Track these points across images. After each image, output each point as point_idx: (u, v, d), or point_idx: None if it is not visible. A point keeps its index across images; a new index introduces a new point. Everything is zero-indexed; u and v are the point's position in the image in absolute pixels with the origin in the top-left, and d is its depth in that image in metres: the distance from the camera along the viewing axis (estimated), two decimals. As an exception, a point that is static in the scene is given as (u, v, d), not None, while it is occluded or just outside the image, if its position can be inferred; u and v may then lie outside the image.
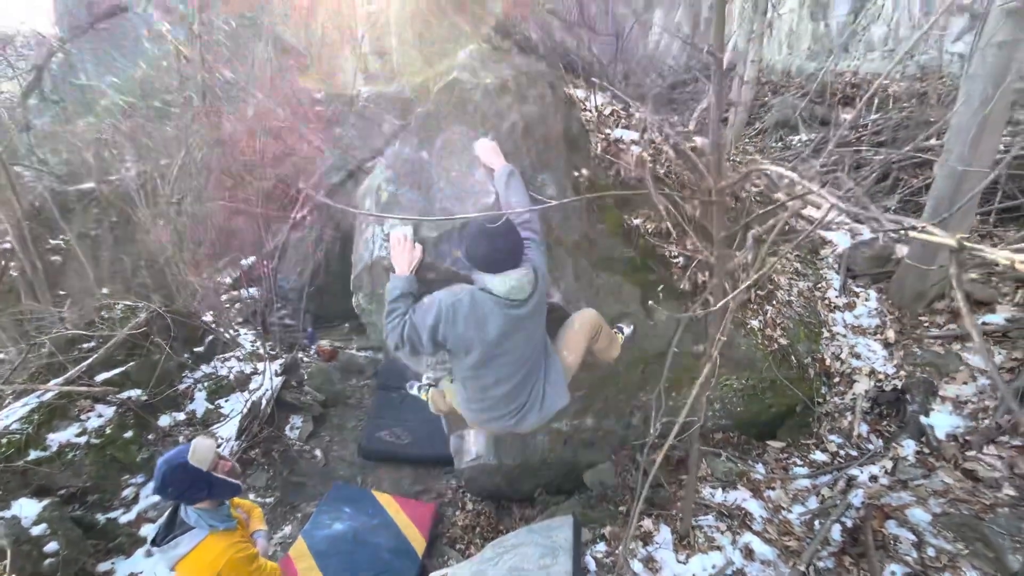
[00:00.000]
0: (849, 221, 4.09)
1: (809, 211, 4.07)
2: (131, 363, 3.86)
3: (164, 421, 3.82)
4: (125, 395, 3.68)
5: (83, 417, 3.43)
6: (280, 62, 6.57)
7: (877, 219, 0.90)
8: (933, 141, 4.22)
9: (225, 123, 3.63)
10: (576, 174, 2.52)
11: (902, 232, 0.82)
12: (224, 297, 5.23)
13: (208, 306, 4.69)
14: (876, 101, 5.31)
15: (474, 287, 1.84)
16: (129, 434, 3.55)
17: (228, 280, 5.37)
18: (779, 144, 5.37)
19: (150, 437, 3.67)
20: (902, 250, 3.63)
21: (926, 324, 3.29)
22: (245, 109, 4.19)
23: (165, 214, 3.92)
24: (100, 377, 3.67)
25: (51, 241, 6.84)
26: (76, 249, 5.78)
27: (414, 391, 2.91)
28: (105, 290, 5.55)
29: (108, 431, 3.45)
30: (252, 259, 5.66)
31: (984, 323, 3.14)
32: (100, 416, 3.49)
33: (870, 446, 2.95)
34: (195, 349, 4.47)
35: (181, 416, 3.92)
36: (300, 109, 5.84)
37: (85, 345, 3.84)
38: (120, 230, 6.08)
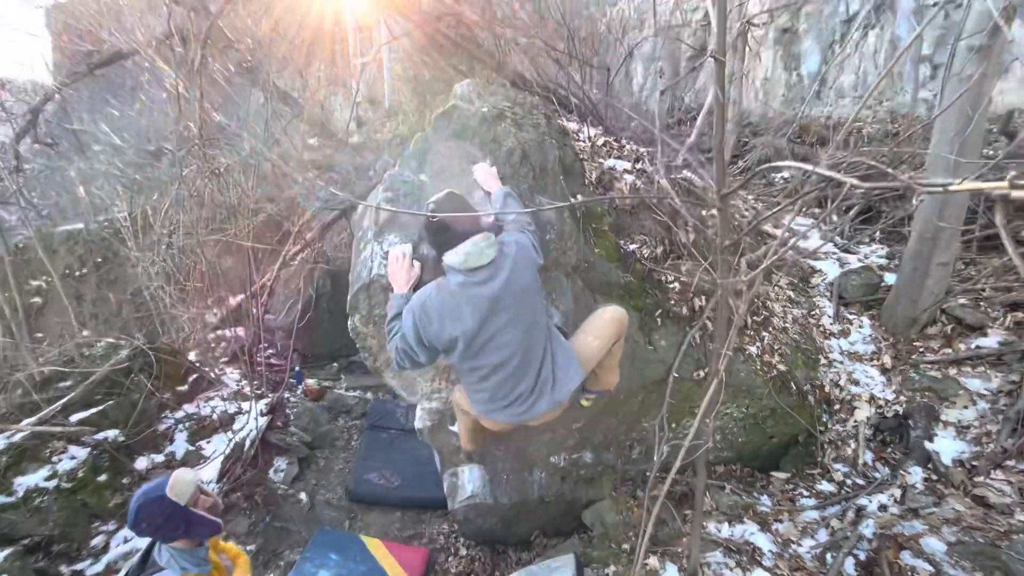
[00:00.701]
0: (837, 251, 4.18)
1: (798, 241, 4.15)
2: (109, 402, 3.69)
3: (141, 464, 3.61)
4: (101, 436, 3.49)
5: (55, 459, 3.23)
6: (275, 107, 6.73)
7: (908, 184, 0.90)
8: (908, 176, 4.39)
9: (220, 156, 3.66)
10: (572, 199, 2.56)
11: (940, 190, 0.81)
12: (211, 335, 5.10)
13: (194, 343, 4.56)
14: (853, 142, 5.55)
15: (440, 279, 1.83)
16: (103, 478, 3.35)
17: (215, 317, 5.26)
18: (763, 181, 5.56)
19: (125, 481, 3.46)
20: (890, 278, 3.69)
21: (921, 349, 3.30)
22: (240, 146, 4.25)
23: (155, 245, 3.86)
24: (75, 417, 3.50)
25: (32, 282, 6.70)
26: (59, 289, 5.66)
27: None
28: (86, 332, 5.40)
29: (80, 474, 3.25)
30: (240, 297, 5.57)
31: (978, 347, 3.15)
32: (73, 458, 3.30)
33: (876, 474, 2.88)
34: (178, 388, 4.30)
35: (160, 458, 3.72)
36: (293, 151, 5.93)
37: (62, 384, 3.68)
38: (106, 268, 5.99)
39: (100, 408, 3.62)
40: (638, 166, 2.97)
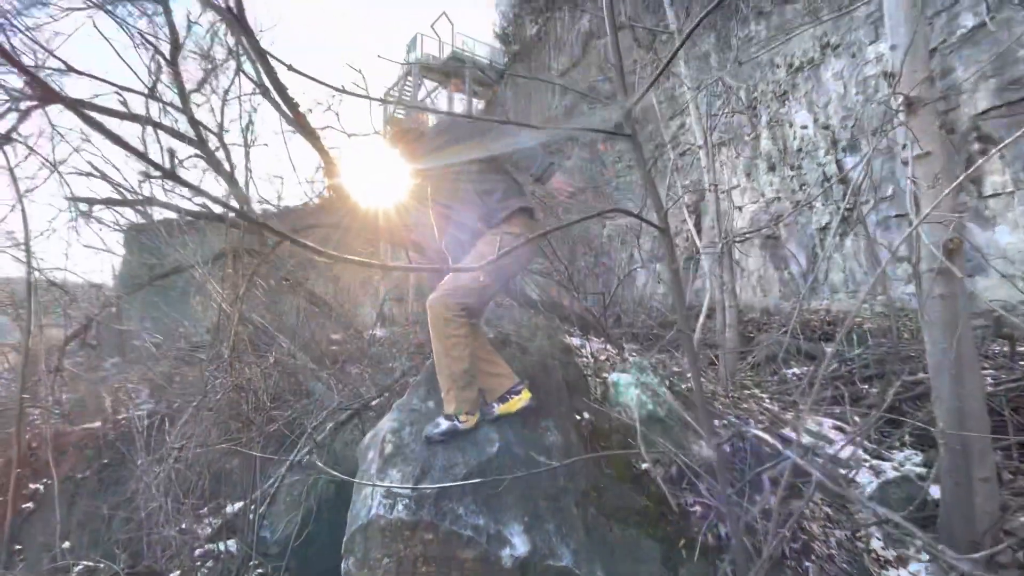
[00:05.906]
0: (869, 458, 3.94)
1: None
2: (64, 647, 3.23)
3: None
4: None
5: None
6: (308, 310, 7.33)
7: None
8: (921, 375, 4.37)
9: (246, 370, 3.87)
10: (578, 418, 2.57)
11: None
12: (198, 552, 4.68)
13: (176, 565, 4.16)
14: (855, 337, 5.68)
15: None
16: None
17: (208, 530, 4.88)
18: (774, 378, 5.55)
19: None
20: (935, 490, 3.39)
21: (996, 584, 2.84)
22: (268, 355, 4.52)
23: (164, 459, 3.82)
24: (21, 669, 3.03)
25: (31, 485, 6.50)
26: (55, 495, 5.45)
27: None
28: (67, 543, 5.06)
29: None
30: (239, 505, 5.26)
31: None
32: None
33: None
34: (147, 623, 3.79)
35: None
36: (317, 350, 6.25)
37: (21, 621, 3.28)
38: (109, 472, 5.85)
39: (51, 656, 3.16)
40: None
